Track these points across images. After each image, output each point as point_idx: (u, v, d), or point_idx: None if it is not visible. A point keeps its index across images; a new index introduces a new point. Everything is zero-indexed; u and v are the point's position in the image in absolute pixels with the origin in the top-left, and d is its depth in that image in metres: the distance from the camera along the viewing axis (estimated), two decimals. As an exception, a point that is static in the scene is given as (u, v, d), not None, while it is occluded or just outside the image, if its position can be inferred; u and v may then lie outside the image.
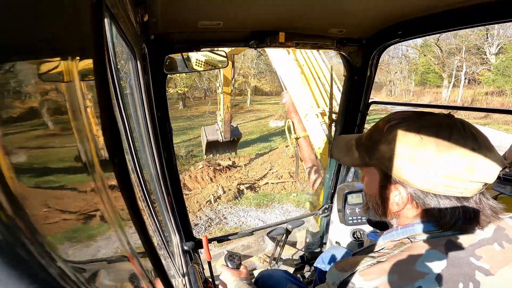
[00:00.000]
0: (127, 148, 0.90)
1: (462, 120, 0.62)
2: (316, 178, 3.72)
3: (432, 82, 27.67)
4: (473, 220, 0.60)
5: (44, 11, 0.24)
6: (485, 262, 0.58)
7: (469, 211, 0.60)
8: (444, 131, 0.59)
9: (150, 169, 1.39)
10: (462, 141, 0.58)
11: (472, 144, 0.57)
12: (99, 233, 0.34)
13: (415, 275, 0.56)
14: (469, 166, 0.56)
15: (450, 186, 0.58)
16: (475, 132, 0.60)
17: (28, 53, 0.22)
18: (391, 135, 0.64)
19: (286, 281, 1.42)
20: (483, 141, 0.59)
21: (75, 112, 0.27)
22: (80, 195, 0.30)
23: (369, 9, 1.24)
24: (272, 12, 1.21)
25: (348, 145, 0.77)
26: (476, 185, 0.58)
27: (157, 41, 1.26)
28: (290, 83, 3.44)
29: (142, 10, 0.94)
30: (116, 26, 0.70)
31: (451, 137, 0.58)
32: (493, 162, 0.57)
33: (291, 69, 3.38)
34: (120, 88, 0.85)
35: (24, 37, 0.21)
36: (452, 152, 0.57)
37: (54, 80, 0.26)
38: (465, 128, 0.60)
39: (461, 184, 0.58)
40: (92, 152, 0.28)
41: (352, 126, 1.89)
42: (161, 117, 1.42)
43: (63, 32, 0.27)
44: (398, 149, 0.62)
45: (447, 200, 0.60)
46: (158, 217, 1.27)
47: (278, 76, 3.83)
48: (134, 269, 0.40)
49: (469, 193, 0.59)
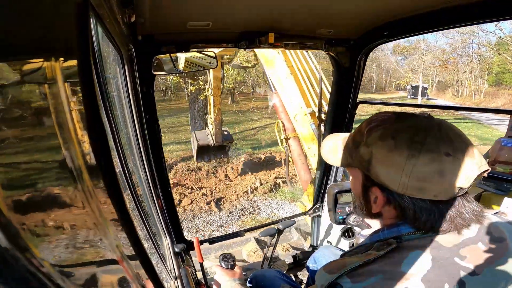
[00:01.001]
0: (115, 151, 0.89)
1: (441, 122, 0.63)
2: (307, 178, 3.75)
3: (508, 82, 25.70)
4: (450, 223, 0.60)
5: (26, 11, 0.23)
6: (470, 262, 0.58)
7: (445, 214, 0.60)
8: (419, 135, 0.60)
9: (139, 172, 1.37)
10: (436, 145, 0.58)
11: (446, 148, 0.58)
12: (87, 236, 0.33)
13: (401, 277, 0.57)
14: (440, 171, 0.57)
15: (423, 189, 0.59)
16: (452, 135, 0.60)
17: (9, 54, 0.22)
18: (369, 138, 0.65)
19: (280, 281, 1.43)
20: (460, 145, 0.59)
21: (59, 114, 0.26)
22: (67, 199, 0.29)
23: (356, 10, 1.26)
24: (261, 13, 1.22)
25: (335, 145, 0.79)
26: (450, 189, 0.58)
27: (145, 42, 1.25)
28: (280, 83, 3.47)
29: (129, 10, 0.93)
30: (102, 27, 0.68)
31: (425, 141, 0.59)
32: (468, 167, 0.57)
33: (281, 70, 3.40)
34: (107, 90, 0.84)
35: (4, 37, 0.21)
36: (424, 156, 0.58)
37: (37, 82, 0.25)
38: (442, 131, 0.60)
39: (434, 188, 0.58)
40: (77, 155, 0.28)
41: (340, 126, 1.92)
42: (149, 119, 1.40)
43: (46, 32, 0.27)
44: (375, 152, 0.63)
45: (423, 202, 0.60)
46: (148, 220, 1.25)
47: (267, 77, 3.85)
48: (125, 272, 0.39)
49: (444, 197, 0.59)
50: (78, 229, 0.31)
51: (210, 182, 7.57)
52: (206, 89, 6.43)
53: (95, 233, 0.32)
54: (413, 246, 0.61)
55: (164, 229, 1.58)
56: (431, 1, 1.13)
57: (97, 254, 0.35)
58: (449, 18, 1.16)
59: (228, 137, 7.43)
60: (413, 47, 30.17)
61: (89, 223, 0.31)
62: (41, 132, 0.27)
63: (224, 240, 2.05)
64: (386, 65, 37.03)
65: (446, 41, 27.51)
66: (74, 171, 0.27)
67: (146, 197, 1.44)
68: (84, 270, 0.33)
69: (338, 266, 0.63)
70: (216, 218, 6.13)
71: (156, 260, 1.25)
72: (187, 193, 6.99)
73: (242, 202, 6.74)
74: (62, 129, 0.26)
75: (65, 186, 0.29)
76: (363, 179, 0.69)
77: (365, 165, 0.66)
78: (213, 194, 7.06)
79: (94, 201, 0.30)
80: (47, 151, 0.28)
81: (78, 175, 0.28)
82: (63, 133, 0.26)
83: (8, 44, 0.22)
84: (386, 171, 0.62)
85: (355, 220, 1.64)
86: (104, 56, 0.93)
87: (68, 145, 0.27)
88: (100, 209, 0.32)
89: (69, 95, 0.29)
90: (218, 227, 5.82)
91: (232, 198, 6.90)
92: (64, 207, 0.29)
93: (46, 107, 0.26)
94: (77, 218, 0.30)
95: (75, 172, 0.27)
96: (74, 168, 0.27)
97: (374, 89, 36.31)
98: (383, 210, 0.68)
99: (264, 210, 6.41)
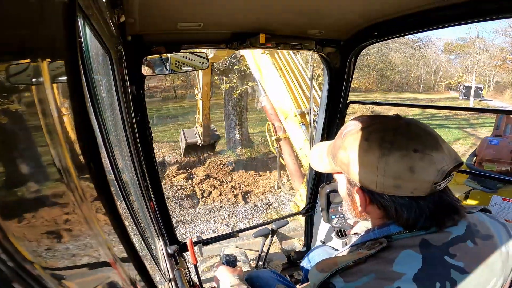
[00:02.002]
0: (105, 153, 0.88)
1: (409, 120, 0.65)
2: (298, 177, 3.78)
3: None
4: (432, 219, 0.61)
5: (12, 11, 0.23)
6: (460, 260, 0.59)
7: (425, 210, 0.61)
8: (389, 134, 0.62)
9: (131, 174, 1.36)
10: (405, 142, 0.60)
11: (415, 145, 0.59)
12: (78, 239, 0.32)
13: (392, 276, 0.57)
14: (411, 167, 0.58)
15: (399, 187, 0.60)
16: (421, 131, 0.62)
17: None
18: (346, 141, 0.68)
19: (275, 281, 1.43)
20: (428, 142, 0.60)
21: (46, 116, 0.26)
22: (56, 202, 0.29)
23: (346, 11, 1.27)
24: (252, 14, 1.22)
25: (321, 153, 0.82)
26: (424, 184, 0.59)
27: (134, 42, 1.24)
28: (269, 86, 3.55)
29: (119, 11, 0.92)
30: (90, 27, 0.68)
31: (394, 139, 0.61)
32: (438, 161, 0.59)
33: (270, 73, 3.46)
34: (95, 91, 0.82)
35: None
36: (394, 154, 0.59)
37: (24, 83, 0.25)
38: (410, 129, 0.62)
39: (408, 184, 0.59)
40: (66, 157, 0.27)
41: (331, 126, 1.94)
42: (140, 121, 1.38)
43: (33, 32, 0.26)
44: (351, 155, 0.66)
45: (402, 200, 0.62)
46: (140, 222, 1.24)
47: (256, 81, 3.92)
48: (118, 275, 0.39)
49: (421, 193, 0.60)
50: (69, 232, 0.31)
51: (239, 176, 7.87)
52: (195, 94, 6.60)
53: (87, 235, 0.32)
54: (403, 245, 0.61)
55: (157, 231, 1.56)
56: (420, 1, 1.14)
57: (89, 257, 0.35)
58: (439, 17, 1.17)
59: (215, 137, 8.03)
60: (467, 45, 28.41)
61: (80, 226, 0.31)
62: (28, 134, 0.26)
63: (218, 241, 2.04)
64: (436, 63, 34.39)
65: (505, 40, 25.44)
66: (63, 173, 0.27)
67: (137, 199, 1.43)
68: (76, 273, 0.32)
69: (329, 265, 0.63)
70: (241, 210, 6.38)
71: (149, 263, 1.24)
72: (217, 185, 7.33)
73: (268, 197, 7.04)
74: (50, 131, 0.26)
75: (55, 188, 0.28)
76: (346, 182, 0.72)
77: (345, 168, 0.69)
78: (241, 187, 7.37)
79: (85, 203, 0.30)
80: (35, 153, 0.27)
81: (67, 177, 0.27)
82: (51, 135, 0.26)
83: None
84: (363, 172, 0.64)
85: (338, 222, 1.68)
86: (93, 57, 0.91)
87: (57, 147, 0.26)
88: (91, 211, 0.31)
89: (57, 96, 0.28)
90: (242, 219, 6.07)
91: (259, 192, 7.23)
92: (54, 210, 0.29)
93: (34, 108, 0.25)
94: (67, 220, 0.30)
95: (64, 174, 0.27)
96: (63, 170, 0.27)
97: (421, 89, 34.33)
98: (368, 211, 0.70)
99: (288, 206, 6.53)
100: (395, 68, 30.42)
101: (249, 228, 2.33)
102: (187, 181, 7.50)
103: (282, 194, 7.10)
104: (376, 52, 24.88)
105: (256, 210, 6.44)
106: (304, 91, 3.34)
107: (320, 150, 0.83)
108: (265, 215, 6.26)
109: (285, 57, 3.55)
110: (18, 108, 0.25)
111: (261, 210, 6.45)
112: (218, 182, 7.51)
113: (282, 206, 6.66)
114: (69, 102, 0.30)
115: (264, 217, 6.18)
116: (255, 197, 7.06)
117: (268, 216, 6.22)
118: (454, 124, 15.00)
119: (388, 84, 31.82)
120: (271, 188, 7.33)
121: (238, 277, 1.24)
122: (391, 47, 27.25)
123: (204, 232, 5.62)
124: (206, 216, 6.21)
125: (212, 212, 6.32)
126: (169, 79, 21.64)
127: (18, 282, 0.19)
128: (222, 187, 7.29)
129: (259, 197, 7.06)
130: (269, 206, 6.62)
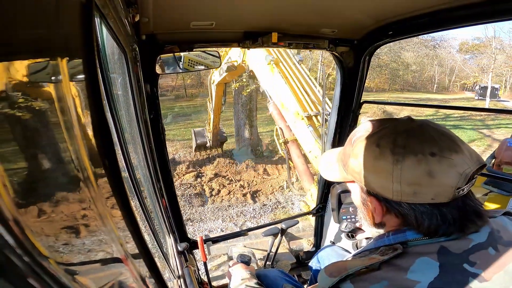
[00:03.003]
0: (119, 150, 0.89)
1: (423, 122, 0.61)
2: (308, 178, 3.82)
3: None
4: (455, 225, 0.58)
5: (32, 11, 0.23)
6: (480, 268, 0.56)
7: (448, 217, 0.58)
8: (401, 138, 0.58)
9: (144, 171, 1.38)
10: (419, 145, 0.57)
11: (431, 148, 0.56)
12: (92, 235, 0.33)
13: (406, 284, 0.55)
14: (429, 171, 0.55)
15: (418, 194, 0.57)
16: (435, 134, 0.58)
17: (14, 53, 0.22)
18: (356, 148, 0.65)
19: (282, 280, 1.43)
20: (445, 144, 0.57)
21: (65, 113, 0.26)
22: (72, 197, 0.29)
23: (360, 10, 1.25)
24: (265, 13, 1.21)
25: (330, 162, 0.79)
26: (445, 189, 0.56)
27: (148, 41, 1.25)
28: (276, 94, 3.74)
29: (133, 10, 0.93)
30: (106, 26, 0.69)
31: (407, 143, 0.57)
32: (460, 164, 0.55)
33: (276, 82, 3.66)
34: (111, 89, 0.84)
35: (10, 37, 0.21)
36: (408, 160, 0.56)
37: (42, 81, 0.26)
38: (424, 131, 0.59)
39: (428, 190, 0.56)
40: (82, 154, 0.28)
41: (344, 125, 1.91)
42: (153, 119, 1.40)
43: (51, 32, 0.27)
44: (362, 163, 0.62)
45: (422, 207, 0.58)
46: (152, 218, 1.26)
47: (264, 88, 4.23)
48: (129, 271, 0.40)
49: (443, 198, 0.56)
50: (84, 228, 0.31)
51: (248, 175, 7.95)
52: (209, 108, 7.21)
53: (100, 232, 0.32)
54: (420, 252, 0.59)
55: (167, 228, 1.58)
56: (435, 1, 1.11)
57: (102, 253, 0.35)
58: (455, 17, 1.15)
59: (223, 138, 8.51)
60: (483, 45, 27.53)
61: (95, 222, 0.31)
62: (47, 130, 0.27)
63: (227, 239, 2.05)
64: (451, 63, 33.53)
65: (524, 39, 24.39)
66: (79, 169, 0.27)
67: (150, 196, 1.45)
68: (89, 268, 0.33)
69: (339, 269, 0.61)
70: (250, 209, 6.44)
71: (159, 259, 1.25)
72: (226, 184, 7.42)
73: (277, 196, 7.08)
74: (68, 128, 0.26)
75: (71, 184, 0.29)
76: (360, 190, 0.68)
77: (357, 176, 0.65)
78: (250, 186, 7.44)
79: (100, 200, 0.30)
80: (54, 149, 0.28)
81: (83, 174, 0.28)
82: (69, 132, 0.26)
83: (14, 44, 0.22)
84: (377, 180, 0.61)
85: (347, 227, 1.64)
86: (109, 55, 0.93)
87: (74, 144, 0.27)
88: (105, 208, 0.32)
89: (75, 94, 0.29)
90: (250, 218, 6.11)
91: (267, 192, 7.27)
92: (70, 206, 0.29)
93: (53, 106, 0.26)
94: (83, 216, 0.30)
95: (81, 170, 0.28)
96: (79, 166, 0.27)
97: (436, 89, 33.51)
98: (385, 220, 0.66)
99: (297, 205, 6.57)
100: (408, 68, 29.81)
101: (259, 227, 2.33)
102: (196, 180, 7.60)
103: (291, 194, 7.08)
104: (388, 51, 24.46)
105: (265, 209, 6.46)
106: (309, 95, 3.47)
107: (329, 158, 0.80)
108: (273, 215, 6.27)
109: (289, 65, 3.77)
110: (38, 106, 0.26)
111: (269, 210, 6.46)
112: (227, 181, 7.57)
113: (291, 206, 6.66)
114: (86, 100, 0.30)
115: (272, 217, 6.18)
116: (264, 196, 7.09)
117: (276, 216, 6.21)
118: (469, 125, 14.56)
119: (401, 84, 31.15)
120: (279, 188, 7.37)
121: (250, 272, 1.30)
122: (404, 47, 26.71)
123: (213, 231, 5.67)
124: (214, 214, 6.26)
125: (221, 210, 6.37)
126: (180, 78, 21.91)
127: (32, 277, 0.19)
128: (231, 186, 7.34)
129: (268, 197, 7.09)
130: (277, 206, 6.63)
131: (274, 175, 7.97)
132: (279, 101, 3.64)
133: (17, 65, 0.22)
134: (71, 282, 0.24)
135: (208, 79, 6.73)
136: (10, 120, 0.21)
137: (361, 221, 0.76)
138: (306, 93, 3.48)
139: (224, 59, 4.97)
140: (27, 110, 0.24)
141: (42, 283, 0.20)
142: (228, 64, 4.82)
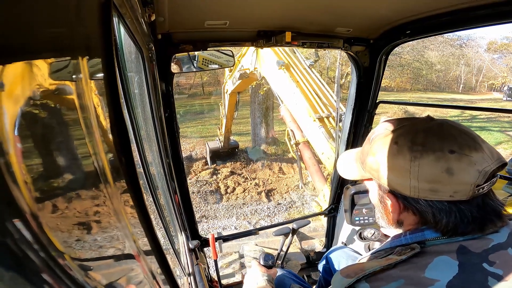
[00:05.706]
0: (135, 147, 0.91)
1: (443, 121, 0.62)
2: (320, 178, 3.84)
3: None
4: (474, 224, 0.57)
5: (52, 10, 0.24)
6: (498, 267, 0.55)
7: (467, 215, 0.57)
8: (419, 136, 0.59)
9: (158, 168, 1.40)
10: (439, 144, 0.57)
11: (450, 146, 0.56)
12: (106, 231, 0.34)
13: (424, 282, 0.54)
14: (448, 168, 0.55)
15: (436, 191, 0.57)
16: (456, 132, 0.58)
17: (37, 53, 0.23)
18: (374, 146, 0.66)
19: (290, 280, 1.42)
20: (465, 141, 0.56)
21: (84, 111, 0.27)
22: (88, 193, 0.30)
23: (376, 8, 1.22)
24: (278, 12, 1.21)
25: (349, 160, 0.81)
26: (464, 187, 0.55)
27: (164, 41, 1.27)
28: (286, 96, 3.80)
29: (149, 9, 0.95)
30: (124, 26, 0.70)
31: (425, 141, 0.58)
32: (479, 162, 0.55)
33: (287, 86, 3.71)
34: (128, 87, 0.86)
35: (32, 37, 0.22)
36: (427, 157, 0.56)
37: (64, 79, 0.26)
38: (444, 129, 0.59)
39: (447, 188, 0.56)
40: (100, 151, 0.28)
41: (359, 126, 1.87)
42: (168, 117, 1.43)
43: (72, 31, 0.27)
44: (381, 160, 0.63)
45: (440, 204, 0.58)
46: (165, 215, 1.28)
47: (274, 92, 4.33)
48: (140, 267, 0.40)
49: (462, 196, 0.56)
50: (99, 224, 0.32)
51: (264, 174, 7.97)
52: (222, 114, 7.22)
53: (114, 228, 0.33)
54: (438, 251, 0.58)
55: (179, 225, 1.61)
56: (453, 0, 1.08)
57: (115, 249, 0.36)
58: (475, 16, 1.11)
59: (234, 143, 8.59)
60: None
61: (109, 218, 0.32)
62: (67, 128, 0.28)
63: (238, 238, 2.06)
64: (478, 63, 31.57)
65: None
66: (96, 165, 0.28)
67: (163, 193, 1.47)
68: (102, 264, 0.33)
69: (355, 270, 0.61)
70: (264, 208, 6.44)
71: (171, 256, 1.27)
72: (241, 182, 7.45)
73: (292, 195, 7.03)
74: (87, 125, 0.27)
75: (89, 180, 0.30)
76: (377, 188, 0.69)
77: (375, 174, 0.66)
78: (265, 185, 7.44)
79: (115, 196, 0.31)
80: (73, 146, 0.29)
81: (100, 171, 0.28)
82: (88, 129, 0.27)
83: (37, 43, 0.22)
84: (394, 177, 0.61)
85: (374, 235, 1.59)
86: (126, 54, 0.95)
87: (92, 141, 0.27)
88: (120, 204, 0.32)
89: (93, 92, 0.29)
90: (264, 217, 6.11)
91: (282, 191, 7.23)
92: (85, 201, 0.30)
93: (72, 104, 0.26)
94: (97, 212, 0.31)
95: (97, 166, 0.28)
96: (96, 162, 0.28)
97: (461, 89, 32.23)
98: (402, 217, 0.66)
99: (311, 205, 6.53)
100: (432, 67, 28.69)
101: (270, 226, 2.32)
102: (212, 177, 7.65)
103: (306, 193, 7.03)
104: (411, 50, 23.65)
105: (279, 208, 6.44)
106: (320, 98, 3.52)
107: (348, 157, 0.82)
108: (287, 214, 6.24)
109: (300, 69, 3.84)
110: (59, 104, 0.26)
111: (283, 209, 6.44)
112: (242, 179, 7.60)
113: (306, 205, 6.61)
114: (105, 98, 0.31)
115: (286, 216, 6.15)
116: (279, 195, 7.06)
117: (290, 215, 6.19)
118: (497, 127, 13.93)
119: (424, 83, 30.08)
120: (295, 187, 7.30)
121: (267, 277, 1.22)
122: (428, 46, 25.76)
123: (226, 228, 5.70)
124: (229, 212, 6.30)
125: (235, 208, 6.40)
126: (197, 76, 22.15)
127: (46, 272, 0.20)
128: (246, 184, 7.36)
129: (283, 196, 7.05)
130: (292, 205, 6.59)
131: (290, 174, 7.91)
132: (290, 104, 3.72)
133: (39, 63, 0.23)
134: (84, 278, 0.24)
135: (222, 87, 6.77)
136: (32, 118, 0.22)
137: (378, 221, 0.76)
138: (317, 95, 3.55)
139: (237, 68, 5.04)
140: (48, 107, 0.25)
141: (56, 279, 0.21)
142: (241, 72, 4.88)
